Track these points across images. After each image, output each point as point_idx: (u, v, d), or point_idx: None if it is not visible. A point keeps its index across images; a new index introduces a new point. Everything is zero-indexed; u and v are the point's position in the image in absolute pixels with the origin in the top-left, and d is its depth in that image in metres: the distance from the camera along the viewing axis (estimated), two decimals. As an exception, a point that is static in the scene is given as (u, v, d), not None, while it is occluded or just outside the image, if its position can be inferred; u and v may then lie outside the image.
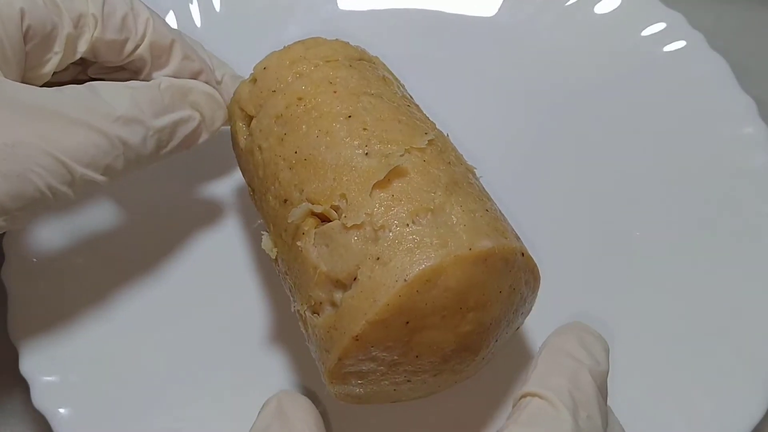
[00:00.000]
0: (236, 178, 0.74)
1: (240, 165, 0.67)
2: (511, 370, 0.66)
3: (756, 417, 0.62)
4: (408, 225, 0.52)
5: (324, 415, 0.58)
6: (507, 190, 0.69)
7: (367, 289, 0.51)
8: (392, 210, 0.53)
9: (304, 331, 0.57)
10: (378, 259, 0.52)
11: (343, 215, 0.54)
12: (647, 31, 0.83)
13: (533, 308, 0.62)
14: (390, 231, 0.52)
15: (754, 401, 0.63)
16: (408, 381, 0.56)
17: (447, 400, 0.64)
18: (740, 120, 0.77)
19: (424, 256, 0.51)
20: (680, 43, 0.82)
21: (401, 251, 0.51)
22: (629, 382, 0.65)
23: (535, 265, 0.57)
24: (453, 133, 0.63)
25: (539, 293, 0.61)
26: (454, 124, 0.66)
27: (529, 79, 0.82)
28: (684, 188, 0.75)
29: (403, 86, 0.67)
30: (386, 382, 0.55)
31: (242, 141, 0.65)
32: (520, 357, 0.67)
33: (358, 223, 0.53)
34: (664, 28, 0.83)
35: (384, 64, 0.67)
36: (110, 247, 0.71)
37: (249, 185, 0.65)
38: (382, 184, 0.54)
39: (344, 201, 0.54)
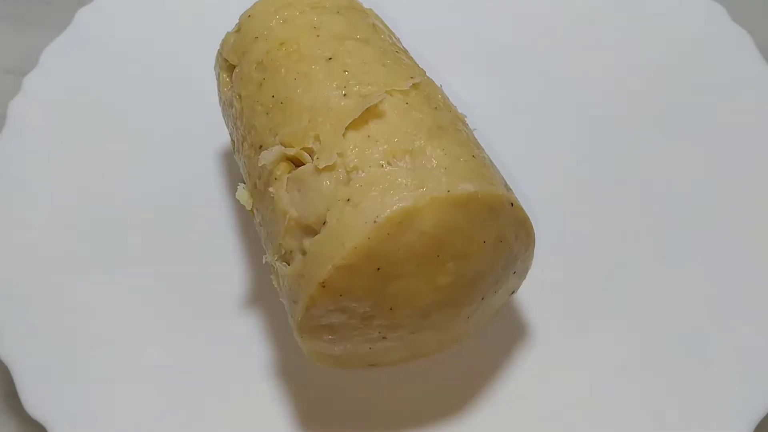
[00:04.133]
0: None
1: (224, 119, 0.64)
2: (507, 340, 0.62)
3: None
4: (383, 166, 0.49)
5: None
6: (508, 152, 0.65)
7: (335, 232, 0.47)
8: (366, 151, 0.49)
9: (276, 285, 0.54)
10: (348, 200, 0.48)
11: (316, 157, 0.50)
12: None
13: (531, 275, 0.57)
14: (363, 172, 0.49)
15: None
16: (384, 338, 0.51)
17: (434, 369, 0.60)
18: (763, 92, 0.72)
19: (397, 197, 0.47)
20: (703, 16, 0.78)
21: (373, 192, 0.48)
22: (634, 357, 0.60)
23: (528, 218, 0.53)
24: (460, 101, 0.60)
25: (537, 259, 0.57)
26: (461, 91, 0.64)
27: (543, 45, 0.79)
28: (695, 151, 0.70)
29: (397, 39, 0.64)
30: (360, 338, 0.51)
31: (225, 92, 0.62)
32: (517, 327, 0.62)
33: (330, 164, 0.49)
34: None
35: (377, 15, 0.64)
36: (97, 209, 0.68)
37: (231, 139, 0.62)
38: (357, 124, 0.50)
39: (318, 143, 0.51)
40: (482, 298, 0.52)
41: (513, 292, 0.58)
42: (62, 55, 0.74)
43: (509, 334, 0.62)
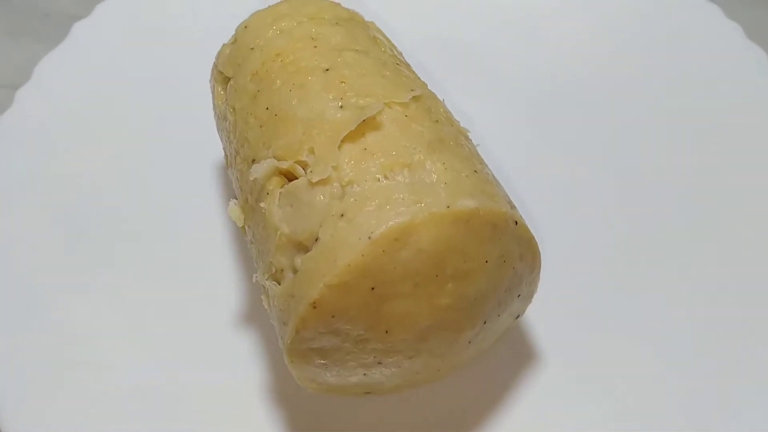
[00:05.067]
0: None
1: (218, 133, 0.62)
2: (511, 366, 0.58)
3: None
4: (379, 180, 0.46)
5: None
6: (513, 169, 0.62)
7: (327, 249, 0.45)
8: (363, 164, 0.47)
9: (266, 306, 0.51)
10: (342, 215, 0.45)
11: (309, 170, 0.47)
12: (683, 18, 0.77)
13: (537, 298, 0.54)
14: (358, 186, 0.46)
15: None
16: (379, 363, 0.48)
17: (434, 396, 0.56)
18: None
19: (394, 212, 0.44)
20: (719, 34, 0.76)
21: (369, 207, 0.45)
22: (648, 386, 0.57)
23: (533, 238, 0.50)
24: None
25: (544, 282, 0.53)
26: (465, 106, 0.61)
27: (551, 60, 0.77)
28: (711, 168, 0.68)
29: (399, 52, 0.61)
30: (354, 363, 0.48)
31: (220, 106, 0.60)
32: (522, 353, 0.59)
33: (324, 177, 0.46)
34: (701, 18, 0.77)
35: (379, 28, 0.62)
36: (86, 224, 0.66)
37: (224, 153, 0.60)
38: (353, 136, 0.48)
39: (312, 156, 0.48)
40: (484, 322, 0.49)
41: (518, 317, 0.55)
42: (56, 69, 0.73)
43: (513, 360, 0.59)
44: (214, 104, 0.61)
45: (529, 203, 0.62)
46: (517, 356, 0.59)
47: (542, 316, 0.60)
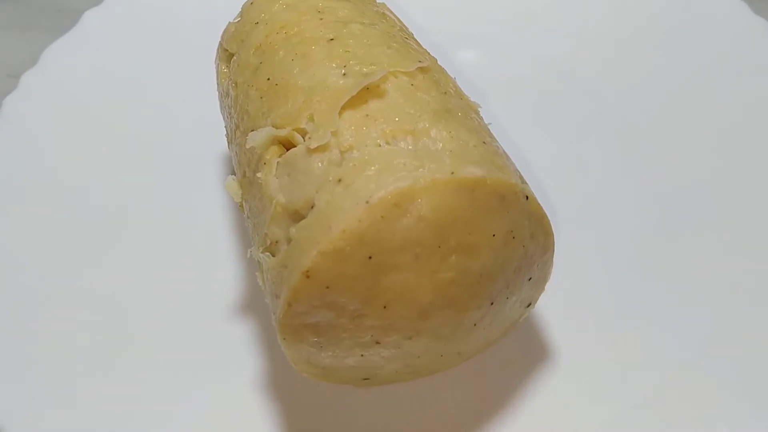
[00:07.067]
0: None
1: (221, 113, 0.60)
2: (522, 361, 0.55)
3: None
4: (381, 146, 0.43)
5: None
6: (530, 152, 0.60)
7: (322, 215, 0.42)
8: (364, 129, 0.44)
9: (261, 283, 0.48)
10: (340, 181, 0.42)
11: (308, 137, 0.45)
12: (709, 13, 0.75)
13: (552, 287, 0.51)
14: (358, 152, 0.43)
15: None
16: (377, 343, 0.45)
17: (437, 390, 0.53)
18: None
19: (393, 177, 0.42)
20: (744, 28, 0.73)
21: (368, 172, 0.42)
22: (671, 386, 0.54)
23: (545, 216, 0.47)
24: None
25: (559, 269, 0.51)
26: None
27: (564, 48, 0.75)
28: (726, 159, 0.65)
29: (411, 34, 0.59)
30: (350, 342, 0.45)
31: (223, 83, 0.58)
32: (534, 347, 0.55)
33: (323, 144, 0.44)
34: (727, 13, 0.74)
35: (390, 9, 0.60)
36: (85, 211, 0.64)
37: (225, 131, 0.58)
38: (355, 103, 0.45)
39: (311, 123, 0.46)
40: (491, 303, 0.46)
41: (530, 305, 0.51)
42: (63, 55, 0.71)
43: (525, 354, 0.56)
44: (218, 84, 0.59)
45: (544, 185, 0.59)
46: (527, 349, 0.56)
47: (555, 310, 0.56)
